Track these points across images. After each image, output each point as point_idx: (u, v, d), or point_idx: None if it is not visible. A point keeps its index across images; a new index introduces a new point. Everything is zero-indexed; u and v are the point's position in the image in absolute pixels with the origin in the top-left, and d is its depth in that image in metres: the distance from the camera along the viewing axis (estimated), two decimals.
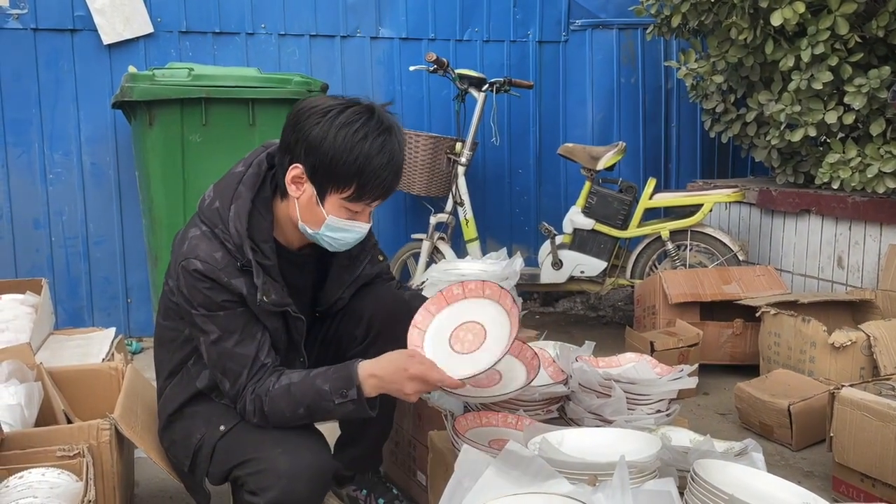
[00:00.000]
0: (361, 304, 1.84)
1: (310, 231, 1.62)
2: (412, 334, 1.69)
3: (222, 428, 1.65)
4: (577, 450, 1.51)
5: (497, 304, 1.72)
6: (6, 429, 1.66)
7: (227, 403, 1.65)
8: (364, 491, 1.93)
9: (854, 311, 3.04)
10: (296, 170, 1.58)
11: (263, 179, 1.65)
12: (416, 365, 1.56)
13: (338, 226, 1.60)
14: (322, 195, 1.58)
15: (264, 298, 1.59)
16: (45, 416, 1.87)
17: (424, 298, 1.82)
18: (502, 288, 1.74)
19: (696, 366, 2.00)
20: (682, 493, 1.40)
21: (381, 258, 1.90)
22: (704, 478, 1.34)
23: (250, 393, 1.59)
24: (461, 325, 1.72)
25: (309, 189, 1.58)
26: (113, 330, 2.50)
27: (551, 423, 1.82)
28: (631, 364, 1.97)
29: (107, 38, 3.59)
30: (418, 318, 1.74)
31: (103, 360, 2.23)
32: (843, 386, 2.12)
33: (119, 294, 3.75)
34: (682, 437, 1.78)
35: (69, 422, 1.85)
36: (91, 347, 2.32)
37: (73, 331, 2.56)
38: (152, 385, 2.08)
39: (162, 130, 3.04)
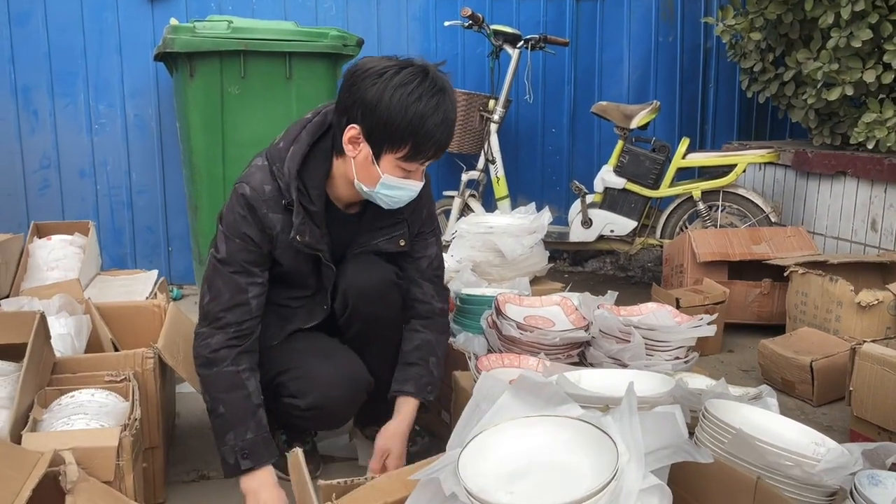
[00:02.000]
0: (340, 278, 1.83)
1: (365, 189, 1.69)
2: None
3: (272, 342, 1.82)
4: (594, 387, 1.58)
5: None
6: (58, 354, 1.78)
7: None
8: None
9: (884, 273, 3.03)
10: (352, 130, 1.64)
11: (327, 130, 1.73)
12: None
13: (392, 184, 1.67)
14: (378, 155, 1.64)
15: (297, 238, 1.69)
16: (93, 349, 1.98)
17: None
18: None
19: (716, 315, 2.03)
20: (693, 433, 1.46)
21: (401, 243, 1.87)
22: (714, 414, 1.39)
23: (228, 343, 1.69)
24: None
25: (365, 149, 1.65)
26: (156, 272, 2.61)
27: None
28: (651, 312, 2.02)
29: None
30: None
31: (147, 298, 2.33)
32: (865, 341, 2.13)
33: (160, 242, 3.89)
34: (699, 382, 1.82)
35: (116, 351, 1.95)
36: (135, 286, 2.44)
37: (119, 272, 2.68)
38: (193, 323, 2.19)
39: (202, 82, 3.12)
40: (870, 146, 3.12)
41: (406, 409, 1.81)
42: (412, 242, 1.89)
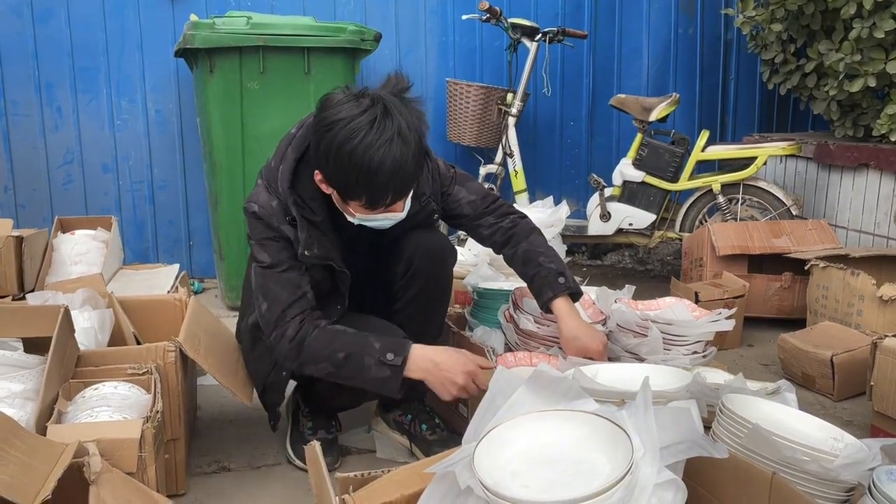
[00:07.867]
0: (405, 243, 1.93)
1: (349, 218, 1.75)
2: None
3: None
4: (611, 382, 1.58)
5: None
6: (81, 347, 1.81)
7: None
8: (409, 416, 2.04)
9: None
10: (318, 175, 1.70)
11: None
12: (473, 360, 1.71)
13: (368, 218, 1.72)
14: (342, 199, 1.70)
15: (305, 252, 1.75)
16: (116, 342, 2.01)
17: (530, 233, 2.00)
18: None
19: (734, 309, 2.02)
20: (710, 427, 1.45)
21: (435, 216, 1.98)
22: (731, 408, 1.39)
23: (299, 320, 1.73)
24: None
25: (334, 191, 1.70)
26: (177, 266, 2.65)
27: None
28: (669, 307, 2.01)
29: None
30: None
31: (168, 292, 2.37)
32: (886, 336, 2.12)
33: (182, 236, 3.93)
34: (717, 377, 1.82)
35: (138, 344, 1.99)
36: (157, 280, 2.48)
37: (141, 266, 2.72)
38: (214, 315, 2.23)
39: (222, 78, 3.15)
40: (893, 138, 3.08)
41: (561, 309, 1.86)
42: (445, 203, 1.99)
